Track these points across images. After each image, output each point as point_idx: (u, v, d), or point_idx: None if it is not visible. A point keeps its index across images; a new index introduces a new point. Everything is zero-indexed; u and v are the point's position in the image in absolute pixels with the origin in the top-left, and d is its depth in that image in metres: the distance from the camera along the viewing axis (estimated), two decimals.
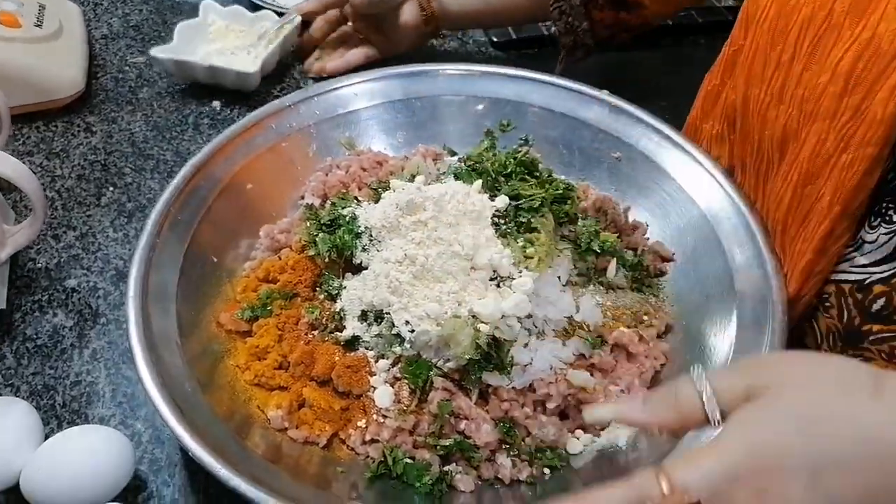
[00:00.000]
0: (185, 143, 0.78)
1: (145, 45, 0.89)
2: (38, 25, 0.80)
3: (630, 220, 0.68)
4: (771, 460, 0.36)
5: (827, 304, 0.55)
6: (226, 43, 0.88)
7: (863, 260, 0.52)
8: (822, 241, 0.53)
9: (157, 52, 0.82)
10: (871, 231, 0.51)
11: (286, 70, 0.88)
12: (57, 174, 0.74)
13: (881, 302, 0.50)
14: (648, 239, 0.67)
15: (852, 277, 0.53)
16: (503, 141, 0.71)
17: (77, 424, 0.53)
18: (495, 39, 0.98)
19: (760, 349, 0.53)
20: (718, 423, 0.39)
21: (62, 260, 0.66)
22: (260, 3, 0.94)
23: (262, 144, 0.69)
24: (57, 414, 0.55)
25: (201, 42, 0.87)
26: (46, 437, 0.50)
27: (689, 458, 0.37)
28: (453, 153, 0.71)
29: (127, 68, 0.88)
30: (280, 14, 0.89)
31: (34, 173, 0.60)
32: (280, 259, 0.62)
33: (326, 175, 0.70)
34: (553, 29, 0.87)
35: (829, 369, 0.39)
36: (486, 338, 0.52)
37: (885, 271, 0.50)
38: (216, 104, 0.83)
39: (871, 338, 0.51)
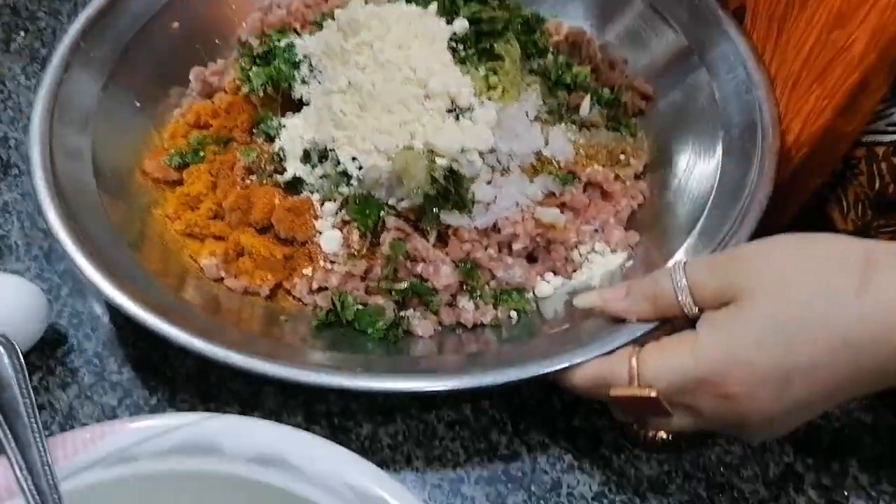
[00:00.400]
0: None
1: None
2: None
3: (608, 56, 0.61)
4: (741, 369, 0.35)
5: (855, 170, 0.47)
6: None
7: None
8: (850, 96, 0.44)
9: None
10: None
11: None
12: None
13: None
14: (627, 77, 0.60)
15: (887, 138, 0.45)
16: None
17: None
18: None
19: (746, 182, 0.48)
20: (695, 316, 0.38)
21: None
22: None
23: None
24: None
25: None
26: None
27: (663, 351, 0.37)
28: None
29: None
30: None
31: None
32: (213, 103, 0.55)
33: (266, 15, 0.61)
34: None
35: (811, 265, 0.36)
36: (443, 171, 0.46)
37: None
38: None
39: None
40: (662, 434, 0.41)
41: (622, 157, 0.55)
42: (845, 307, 0.34)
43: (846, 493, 0.43)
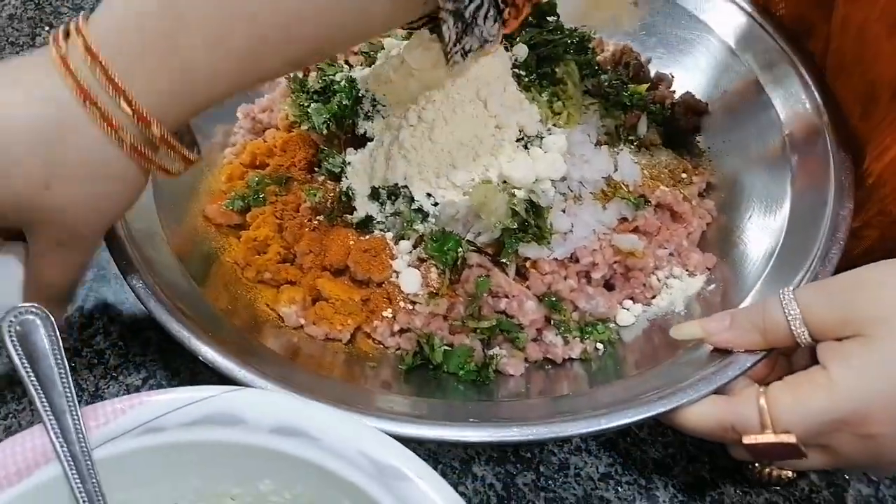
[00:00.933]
0: None
1: None
2: None
3: (652, 72, 0.60)
4: (884, 408, 0.34)
5: None
6: None
7: None
8: None
9: None
10: None
11: None
12: None
13: None
14: (675, 92, 0.59)
15: None
16: None
17: None
18: None
19: (824, 204, 0.46)
20: (809, 345, 0.37)
21: None
22: None
23: None
24: None
25: None
26: None
27: (795, 391, 0.36)
28: None
29: None
30: None
31: None
32: (265, 141, 0.54)
33: None
34: None
35: None
36: (524, 203, 0.45)
37: None
38: None
39: None
40: (788, 472, 0.40)
41: (684, 175, 0.54)
42: None
43: (847, 478, 0.43)
